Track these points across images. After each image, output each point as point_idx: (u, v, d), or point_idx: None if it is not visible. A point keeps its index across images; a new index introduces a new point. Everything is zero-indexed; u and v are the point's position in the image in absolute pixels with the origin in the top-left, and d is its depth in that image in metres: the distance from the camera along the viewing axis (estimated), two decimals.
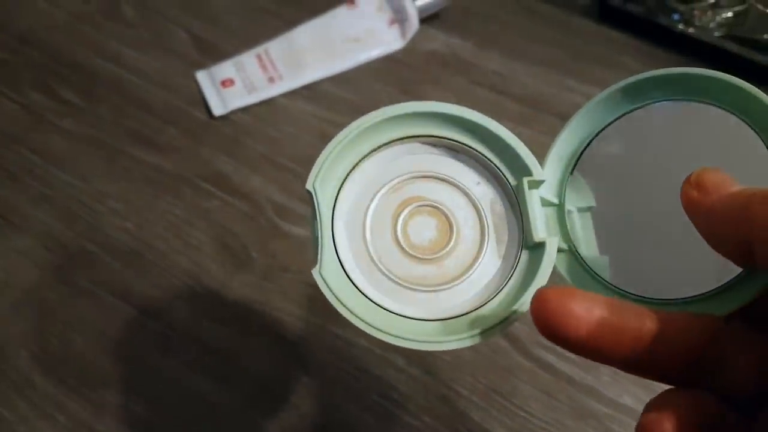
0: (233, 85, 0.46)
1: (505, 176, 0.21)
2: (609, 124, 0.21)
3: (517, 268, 0.21)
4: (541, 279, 0.20)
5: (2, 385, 0.34)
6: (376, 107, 0.47)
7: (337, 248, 0.21)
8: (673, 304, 0.19)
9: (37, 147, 0.43)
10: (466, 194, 0.22)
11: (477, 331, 0.19)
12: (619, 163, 0.22)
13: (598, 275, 0.21)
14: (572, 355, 0.34)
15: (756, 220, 0.15)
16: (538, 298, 0.17)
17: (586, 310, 0.17)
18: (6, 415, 0.33)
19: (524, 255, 0.21)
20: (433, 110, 0.21)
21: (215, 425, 0.33)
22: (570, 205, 0.21)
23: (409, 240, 0.21)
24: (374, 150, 0.22)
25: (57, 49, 0.48)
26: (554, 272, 0.21)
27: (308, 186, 0.20)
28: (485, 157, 0.21)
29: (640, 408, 0.34)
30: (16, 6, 0.51)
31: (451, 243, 0.21)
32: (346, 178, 0.21)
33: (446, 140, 0.22)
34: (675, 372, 0.17)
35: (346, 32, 0.47)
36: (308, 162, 0.42)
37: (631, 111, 0.21)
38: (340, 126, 0.46)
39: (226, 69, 0.46)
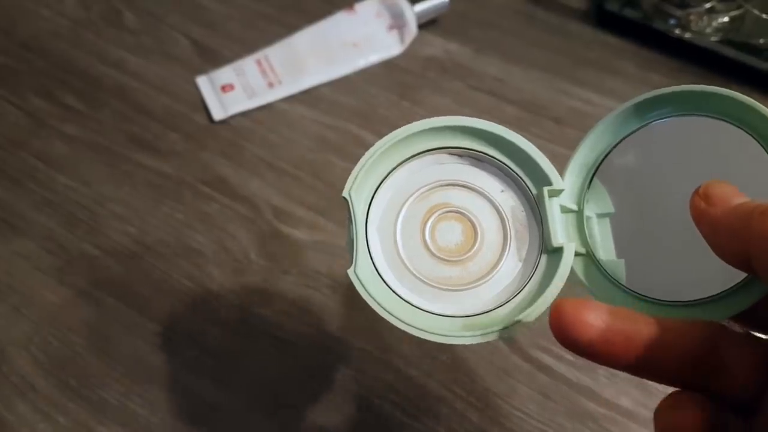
0: (233, 90, 0.46)
1: (527, 185, 0.23)
2: (625, 137, 0.23)
3: (537, 271, 0.22)
4: (559, 281, 0.21)
5: (4, 387, 0.34)
6: (374, 112, 0.47)
7: (370, 250, 0.22)
8: (680, 306, 0.20)
9: (39, 152, 0.44)
10: (491, 201, 0.23)
11: (497, 328, 0.21)
12: (636, 172, 0.23)
13: (613, 278, 0.22)
14: (570, 357, 0.34)
15: (755, 233, 0.17)
16: (555, 309, 0.19)
17: (598, 319, 0.18)
18: (7, 417, 0.33)
19: (543, 259, 0.22)
20: (459, 124, 0.23)
21: (215, 426, 0.33)
22: (589, 212, 0.23)
23: (436, 243, 0.23)
24: (405, 160, 0.23)
25: (59, 55, 0.49)
26: (572, 275, 0.22)
27: (344, 194, 0.22)
28: (508, 167, 0.23)
29: (638, 409, 0.34)
30: (19, 13, 0.51)
31: (476, 246, 0.23)
32: (379, 186, 0.23)
33: (472, 151, 0.23)
34: (677, 375, 0.18)
35: (345, 38, 0.48)
36: (307, 166, 0.43)
37: (646, 125, 0.22)
38: (339, 130, 0.46)
39: (226, 74, 0.47)
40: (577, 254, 0.22)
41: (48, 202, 0.41)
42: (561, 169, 0.25)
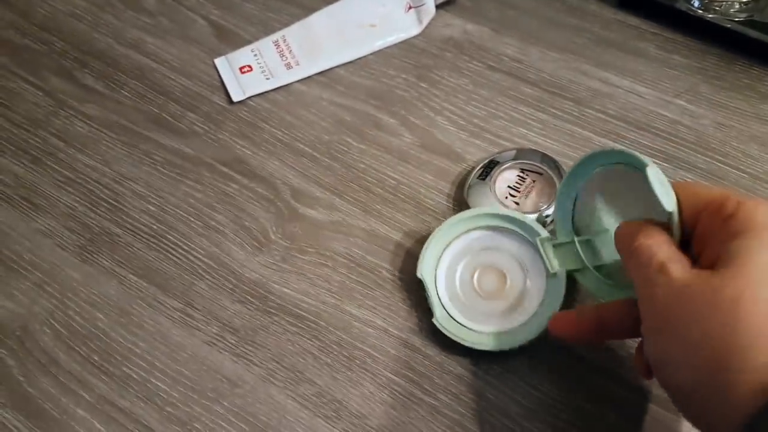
0: (251, 71, 0.46)
1: (529, 240, 0.35)
2: (580, 186, 0.33)
3: (547, 290, 0.34)
4: (559, 294, 0.34)
5: (27, 363, 0.35)
6: (392, 93, 0.47)
7: (441, 302, 0.35)
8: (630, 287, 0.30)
9: (59, 131, 0.44)
10: (512, 255, 0.36)
11: (529, 328, 0.34)
12: (596, 204, 0.33)
13: (601, 279, 0.33)
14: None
15: (629, 259, 0.28)
16: (550, 322, 0.33)
17: (575, 318, 0.32)
18: (32, 392, 0.34)
19: (548, 282, 0.35)
20: (485, 212, 0.36)
21: (235, 401, 0.33)
22: (587, 235, 0.33)
23: (482, 288, 0.35)
24: (453, 239, 0.36)
25: (78, 37, 0.49)
26: (578, 282, 0.34)
27: (417, 274, 0.35)
28: (517, 231, 0.36)
29: (657, 391, 0.34)
30: None
31: (507, 286, 0.35)
32: (439, 259, 0.36)
33: (494, 227, 0.36)
34: (629, 332, 0.29)
35: (362, 18, 0.48)
36: (324, 147, 0.43)
37: (591, 174, 0.32)
38: (356, 111, 0.46)
39: (244, 56, 0.47)
40: (577, 270, 0.34)
41: (69, 181, 0.42)
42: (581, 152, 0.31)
